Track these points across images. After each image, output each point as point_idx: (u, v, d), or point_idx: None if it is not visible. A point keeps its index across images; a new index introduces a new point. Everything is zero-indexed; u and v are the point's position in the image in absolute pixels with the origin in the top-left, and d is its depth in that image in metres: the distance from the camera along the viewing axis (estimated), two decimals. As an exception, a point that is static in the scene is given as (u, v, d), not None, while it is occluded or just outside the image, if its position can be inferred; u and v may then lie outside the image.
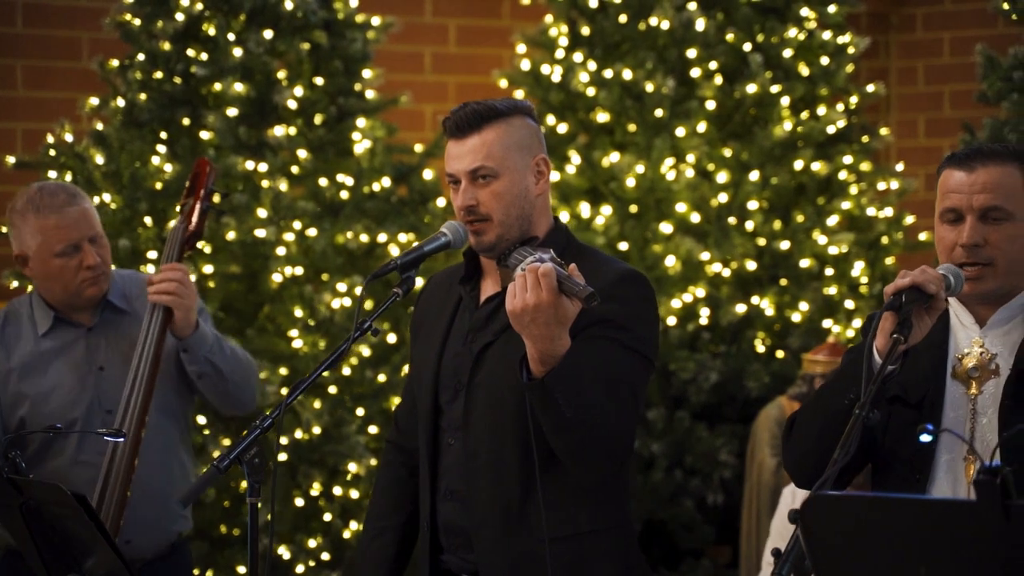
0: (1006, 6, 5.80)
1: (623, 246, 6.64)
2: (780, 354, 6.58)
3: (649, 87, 6.59)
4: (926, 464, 2.90)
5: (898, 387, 2.92)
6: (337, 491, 5.49)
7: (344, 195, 5.72)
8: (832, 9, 6.82)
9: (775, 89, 6.64)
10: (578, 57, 6.78)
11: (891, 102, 8.56)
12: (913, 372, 2.94)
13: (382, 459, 3.59)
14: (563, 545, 3.20)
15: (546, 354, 3.04)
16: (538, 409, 3.09)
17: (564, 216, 6.70)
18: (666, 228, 6.58)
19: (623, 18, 6.71)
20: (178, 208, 4.04)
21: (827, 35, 6.79)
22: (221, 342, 3.95)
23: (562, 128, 6.81)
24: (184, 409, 4.03)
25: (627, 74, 6.63)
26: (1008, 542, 2.12)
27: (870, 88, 6.91)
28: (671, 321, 6.56)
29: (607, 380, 3.12)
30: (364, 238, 5.68)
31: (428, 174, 6.03)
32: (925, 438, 2.57)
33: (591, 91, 6.70)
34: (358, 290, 5.52)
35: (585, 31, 6.85)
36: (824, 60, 6.77)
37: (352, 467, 5.47)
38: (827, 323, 6.59)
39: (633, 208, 6.65)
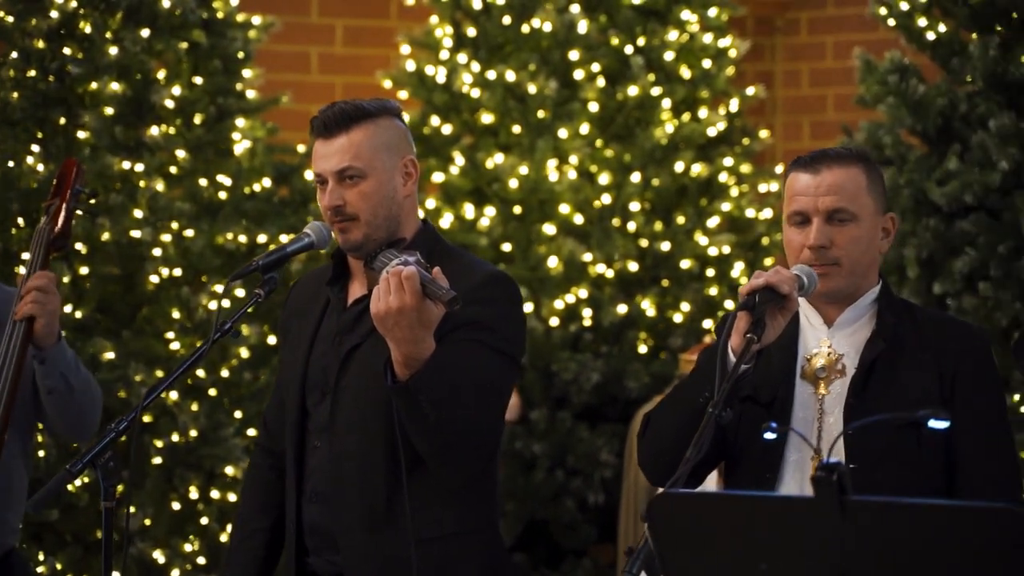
0: (883, 11, 5.91)
1: (506, 247, 6.67)
2: (662, 354, 6.64)
3: (532, 89, 6.62)
4: (775, 463, 2.95)
5: (750, 387, 2.95)
6: (215, 494, 5.45)
7: (223, 195, 5.69)
8: (713, 12, 6.89)
9: (656, 91, 6.70)
10: (462, 58, 6.80)
11: (776, 105, 8.67)
12: (765, 372, 2.98)
13: (250, 461, 3.58)
14: (429, 547, 3.20)
15: (410, 357, 3.05)
16: (403, 412, 3.09)
17: (448, 217, 6.72)
18: (549, 229, 6.62)
19: (507, 20, 6.73)
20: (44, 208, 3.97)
21: (708, 38, 6.87)
22: (78, 362, 3.88)
23: (446, 129, 6.82)
24: (30, 422, 3.95)
25: (510, 75, 6.66)
26: (845, 537, 2.16)
27: (750, 91, 7.00)
28: (554, 322, 6.60)
29: (472, 382, 3.13)
30: (243, 239, 5.65)
31: (310, 174, 5.99)
32: (769, 436, 2.60)
33: (475, 92, 6.72)
34: (240, 292, 5.48)
35: (470, 32, 6.87)
36: (706, 63, 6.84)
37: (229, 470, 5.44)
38: (708, 323, 6.66)
39: (517, 209, 6.68)
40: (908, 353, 2.98)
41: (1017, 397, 5.35)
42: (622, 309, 6.62)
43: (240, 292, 5.44)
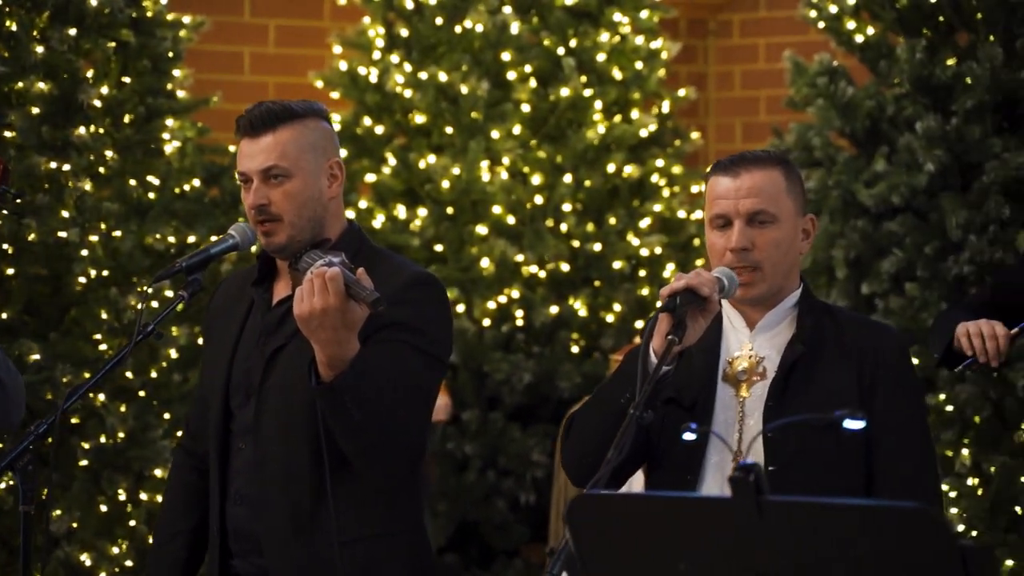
0: (812, 14, 5.95)
1: (439, 248, 6.67)
2: (594, 355, 6.67)
3: (464, 89, 6.63)
4: (696, 464, 2.97)
5: (672, 389, 2.97)
6: (143, 496, 5.42)
7: (152, 196, 5.65)
8: (645, 15, 6.92)
9: (588, 93, 6.73)
10: (394, 59, 6.79)
11: (709, 106, 8.72)
12: (687, 375, 3.00)
13: (172, 462, 3.56)
14: (355, 548, 3.21)
15: (334, 358, 3.04)
16: (328, 413, 3.09)
17: (380, 218, 6.72)
18: (481, 230, 6.63)
19: (439, 20, 6.73)
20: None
21: (640, 40, 6.90)
22: (4, 356, 3.85)
23: (379, 130, 6.82)
24: None
25: (443, 76, 6.66)
26: (761, 537, 2.18)
27: (681, 92, 7.04)
28: (486, 323, 6.61)
29: (397, 383, 3.13)
30: (172, 240, 5.61)
31: (240, 175, 5.96)
32: (688, 436, 2.62)
33: (407, 93, 6.71)
34: (170, 293, 5.45)
35: (403, 33, 6.87)
36: (638, 65, 6.87)
37: (158, 472, 5.40)
38: (640, 324, 6.69)
39: (449, 210, 6.68)
40: (828, 355, 3.02)
41: (943, 396, 5.41)
42: (554, 310, 6.64)
43: (171, 293, 5.41)
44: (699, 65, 8.64)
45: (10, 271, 5.38)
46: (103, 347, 5.43)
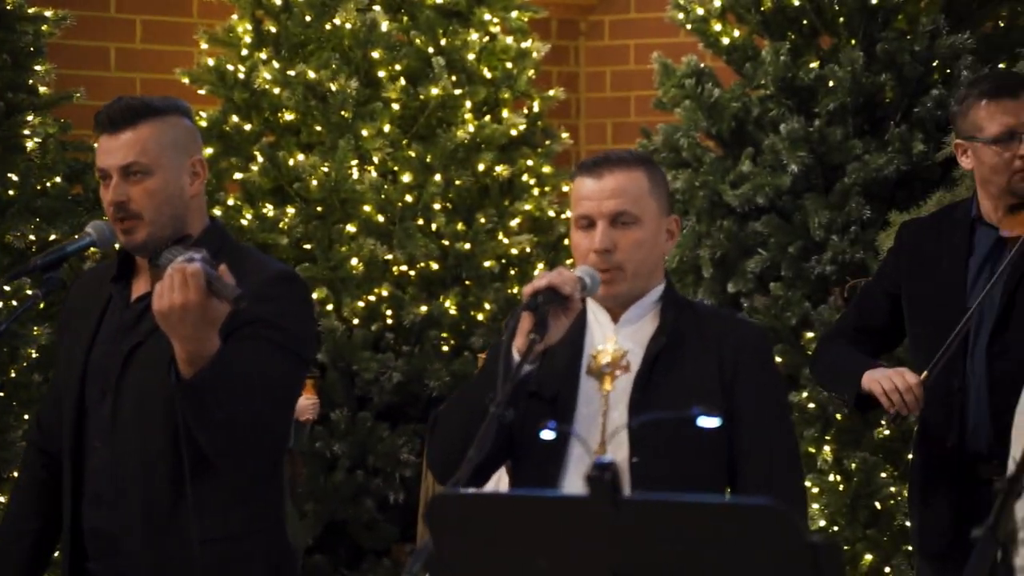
0: (680, 16, 6.01)
1: (308, 246, 6.63)
2: (464, 354, 6.67)
3: (333, 87, 6.59)
4: (559, 459, 2.98)
5: (534, 383, 2.98)
6: (1, 499, 5.31)
7: (12, 193, 5.54)
8: (515, 15, 6.94)
9: (458, 92, 6.73)
10: (263, 56, 6.73)
11: (580, 106, 8.77)
12: (549, 369, 3.02)
13: (22, 460, 3.50)
14: (214, 547, 3.17)
15: (195, 355, 3.01)
16: (188, 411, 3.05)
17: (248, 216, 6.66)
18: (351, 229, 6.60)
19: (308, 18, 6.69)
20: None
21: (510, 40, 6.92)
22: None
23: (247, 127, 6.75)
24: None
25: (312, 74, 6.62)
26: (618, 534, 2.19)
27: (551, 92, 7.07)
28: (355, 321, 6.58)
29: (259, 380, 3.10)
30: (33, 237, 5.51)
31: (105, 172, 5.87)
32: (546, 435, 2.63)
33: (276, 90, 6.66)
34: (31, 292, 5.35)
35: (271, 30, 6.81)
36: (508, 65, 6.89)
37: (18, 474, 5.30)
38: (509, 323, 6.70)
39: (318, 208, 6.64)
40: (690, 347, 3.05)
41: (805, 394, 5.49)
42: (424, 309, 6.63)
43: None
44: (570, 66, 8.69)
45: None
46: (-41, 347, 5.32)
